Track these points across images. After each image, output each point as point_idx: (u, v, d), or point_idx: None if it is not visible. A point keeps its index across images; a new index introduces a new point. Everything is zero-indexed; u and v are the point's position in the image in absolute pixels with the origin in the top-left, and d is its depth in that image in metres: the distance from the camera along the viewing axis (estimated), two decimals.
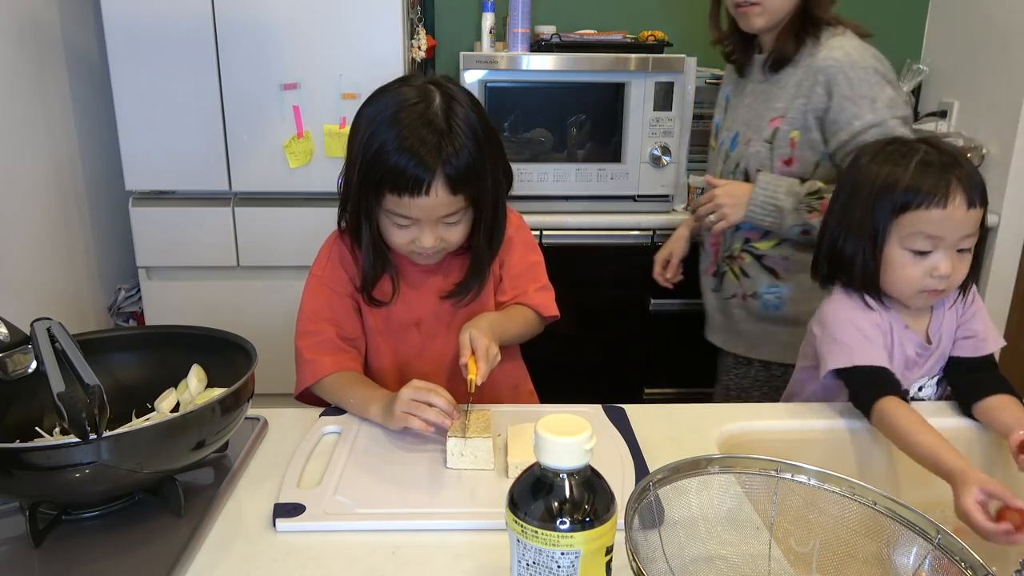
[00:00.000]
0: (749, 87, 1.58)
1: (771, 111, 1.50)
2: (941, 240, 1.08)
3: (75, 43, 2.16)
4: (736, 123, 1.60)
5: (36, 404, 0.93)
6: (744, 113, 1.58)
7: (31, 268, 1.94)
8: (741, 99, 1.60)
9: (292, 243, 2.17)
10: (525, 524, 0.60)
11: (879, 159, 1.13)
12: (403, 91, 1.04)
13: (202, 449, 0.86)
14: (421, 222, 1.05)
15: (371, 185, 1.04)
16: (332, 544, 0.82)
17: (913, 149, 1.12)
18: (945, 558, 0.67)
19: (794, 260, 1.55)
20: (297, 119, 2.10)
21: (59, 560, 0.79)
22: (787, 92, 1.48)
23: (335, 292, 1.17)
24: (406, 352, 1.21)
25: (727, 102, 1.66)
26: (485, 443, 0.95)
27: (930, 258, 1.10)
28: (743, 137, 1.56)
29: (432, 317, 1.19)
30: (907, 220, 1.09)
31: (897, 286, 1.13)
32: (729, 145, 1.60)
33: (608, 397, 1.16)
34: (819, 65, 1.43)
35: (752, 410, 1.16)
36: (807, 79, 1.45)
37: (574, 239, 2.23)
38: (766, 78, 1.53)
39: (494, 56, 2.18)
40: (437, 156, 0.99)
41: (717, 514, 0.80)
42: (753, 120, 1.54)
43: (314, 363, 1.13)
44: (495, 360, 1.05)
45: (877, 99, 1.41)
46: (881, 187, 1.10)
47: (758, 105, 1.54)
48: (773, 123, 1.50)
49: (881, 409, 1.06)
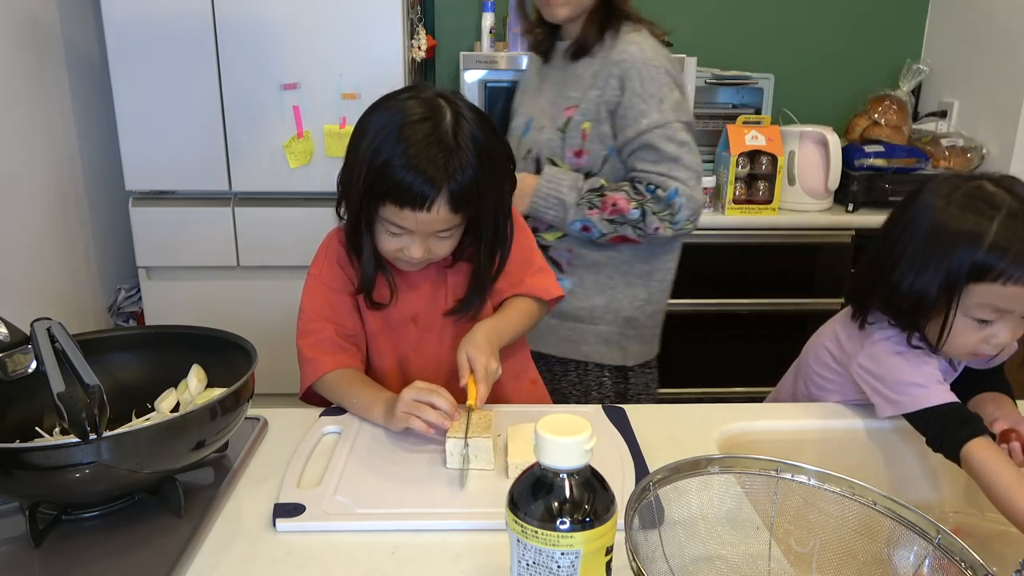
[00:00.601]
0: (551, 75, 1.56)
1: (566, 100, 1.49)
2: (1009, 313, 1.00)
3: (75, 43, 2.16)
4: (532, 109, 1.57)
5: (36, 404, 0.93)
6: (541, 100, 1.56)
7: (31, 268, 1.94)
8: (541, 86, 1.58)
9: (292, 243, 2.17)
10: (525, 524, 0.60)
11: (963, 208, 1.01)
12: (410, 105, 1.03)
13: (202, 449, 0.86)
14: (414, 234, 1.05)
15: (373, 195, 1.04)
16: (332, 544, 0.82)
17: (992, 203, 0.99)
18: (945, 558, 0.67)
19: (577, 255, 1.54)
20: (297, 119, 2.10)
21: (59, 560, 0.79)
22: (583, 82, 1.47)
23: (333, 290, 1.17)
24: (405, 347, 1.21)
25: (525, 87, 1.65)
26: (485, 443, 0.95)
27: (991, 327, 1.01)
28: (537, 124, 1.54)
29: (428, 310, 1.19)
30: (978, 290, 0.99)
31: (947, 345, 1.05)
32: (522, 131, 1.57)
33: None
34: (615, 58, 1.43)
35: (752, 410, 1.16)
36: (603, 71, 1.44)
37: None
38: (565, 67, 1.51)
39: (494, 56, 2.18)
40: (444, 175, 0.99)
41: (717, 514, 0.80)
42: (548, 108, 1.52)
43: (314, 361, 1.13)
44: (495, 375, 1.06)
45: (664, 100, 1.41)
46: (956, 240, 0.99)
47: (554, 93, 1.52)
48: (567, 112, 1.48)
49: (972, 455, 0.97)
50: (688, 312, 2.34)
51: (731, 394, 2.39)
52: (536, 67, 1.62)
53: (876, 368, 1.10)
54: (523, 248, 1.21)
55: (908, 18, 2.74)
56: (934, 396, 1.03)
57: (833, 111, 2.65)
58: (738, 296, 2.34)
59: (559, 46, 1.54)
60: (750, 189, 2.31)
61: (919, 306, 1.04)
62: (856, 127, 2.48)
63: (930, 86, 2.68)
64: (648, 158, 1.43)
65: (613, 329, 1.58)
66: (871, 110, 2.46)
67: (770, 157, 2.28)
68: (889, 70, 2.63)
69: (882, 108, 2.44)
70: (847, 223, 2.31)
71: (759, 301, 2.34)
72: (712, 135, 2.45)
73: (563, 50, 1.52)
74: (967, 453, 0.97)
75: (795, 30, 2.73)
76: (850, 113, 2.56)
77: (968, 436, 0.98)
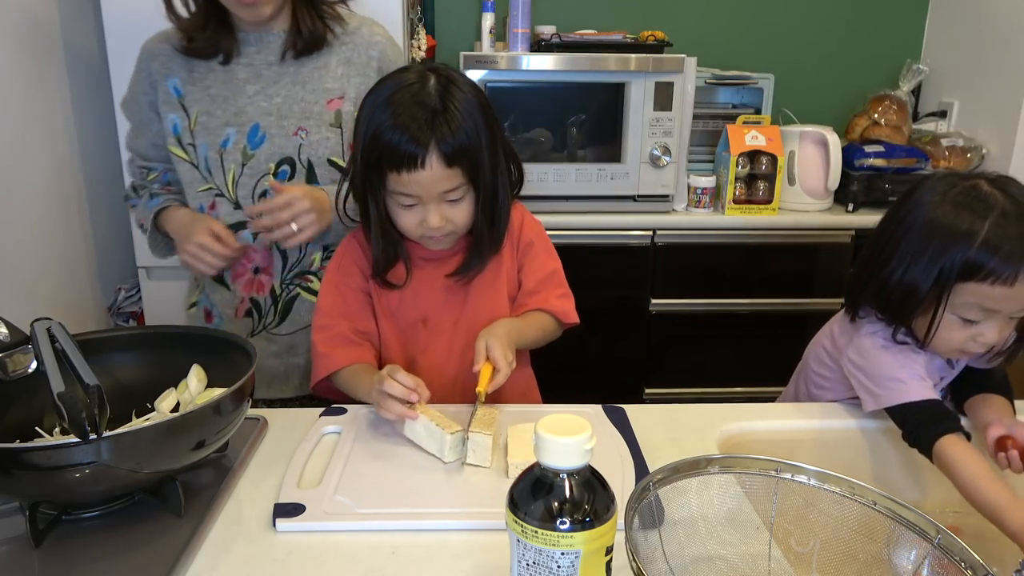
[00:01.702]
0: (264, 73, 1.32)
1: (324, 93, 1.32)
2: (996, 313, 1.02)
3: (75, 43, 2.16)
4: (245, 116, 1.31)
5: (36, 404, 0.93)
6: (258, 103, 1.31)
7: (31, 268, 1.94)
8: (229, 89, 1.31)
9: None
10: (525, 524, 0.60)
11: (956, 206, 1.02)
12: (401, 76, 1.08)
13: (202, 449, 0.86)
14: (424, 200, 1.07)
15: (372, 166, 1.07)
16: (332, 544, 0.82)
17: (986, 202, 1.00)
18: (945, 558, 0.67)
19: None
20: None
21: (59, 560, 0.79)
22: (333, 71, 1.33)
23: (349, 288, 1.20)
24: (413, 349, 1.22)
25: (180, 96, 1.32)
26: (485, 439, 0.95)
27: (978, 327, 1.03)
28: (278, 128, 1.30)
29: (438, 313, 1.20)
30: (968, 289, 1.00)
31: (936, 343, 1.07)
32: (247, 142, 1.31)
33: (608, 397, 1.16)
34: (368, 40, 1.35)
35: (752, 410, 1.16)
36: (357, 56, 1.34)
37: (574, 239, 2.23)
38: (285, 61, 1.32)
39: (494, 56, 2.18)
40: (429, 131, 1.02)
41: (717, 514, 0.80)
42: (289, 107, 1.31)
43: (328, 356, 1.17)
44: (511, 367, 1.07)
45: None
46: (950, 238, 1.00)
47: (292, 91, 1.31)
48: (333, 105, 1.32)
49: (943, 451, 1.00)
50: (688, 312, 2.34)
51: (731, 394, 2.39)
52: (181, 71, 1.32)
53: (862, 361, 1.13)
54: (551, 271, 1.25)
55: (908, 18, 2.74)
56: (913, 392, 1.05)
57: (833, 111, 2.65)
58: (738, 296, 2.33)
59: (249, 40, 1.31)
60: (750, 189, 2.31)
61: (908, 301, 1.05)
62: (856, 127, 2.48)
63: (930, 86, 2.68)
64: None
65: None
66: (871, 110, 2.46)
67: (770, 157, 2.28)
68: (889, 70, 2.63)
69: (882, 108, 2.44)
70: (847, 223, 2.31)
71: (759, 301, 2.34)
72: (712, 135, 2.45)
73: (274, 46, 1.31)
74: (939, 449, 1.00)
75: (795, 30, 2.73)
76: (850, 113, 2.55)
77: (941, 433, 1.01)
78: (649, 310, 2.33)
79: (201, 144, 1.32)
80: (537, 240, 1.25)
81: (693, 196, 2.32)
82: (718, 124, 2.44)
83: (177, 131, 1.33)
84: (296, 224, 1.22)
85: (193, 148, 1.33)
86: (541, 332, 1.21)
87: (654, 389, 2.41)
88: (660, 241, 2.26)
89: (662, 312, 2.33)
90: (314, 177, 1.33)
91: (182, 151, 1.34)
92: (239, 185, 1.32)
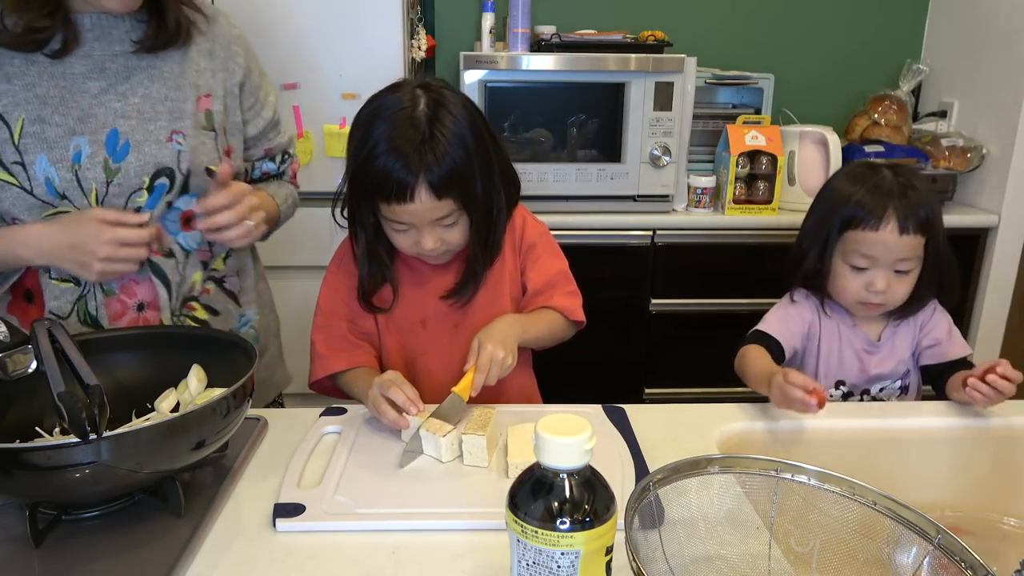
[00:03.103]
0: (111, 69, 1.08)
1: (190, 89, 1.13)
2: (876, 260, 1.22)
3: None
4: (95, 121, 1.06)
5: (36, 404, 0.92)
6: (108, 103, 1.07)
7: None
8: (62, 88, 1.05)
9: (291, 243, 2.16)
10: (525, 524, 0.60)
11: (848, 178, 1.28)
12: (389, 99, 1.06)
13: (202, 449, 0.86)
14: (417, 226, 1.06)
15: (361, 193, 1.07)
16: (332, 544, 0.82)
17: (875, 173, 1.25)
18: (945, 558, 0.67)
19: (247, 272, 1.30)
20: (297, 119, 2.10)
21: (59, 560, 0.79)
22: (196, 65, 1.14)
23: (349, 289, 1.20)
24: (413, 350, 1.22)
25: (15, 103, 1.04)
26: (478, 440, 0.95)
27: (866, 274, 1.23)
28: (144, 134, 1.08)
29: (437, 316, 1.20)
30: (848, 237, 1.23)
31: (839, 294, 1.29)
32: (108, 154, 1.06)
33: (608, 397, 1.16)
34: (228, 34, 1.19)
35: (752, 410, 1.16)
36: (218, 49, 1.17)
37: (574, 239, 2.23)
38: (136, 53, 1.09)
39: (494, 56, 2.17)
40: (418, 162, 1.00)
41: (717, 514, 0.80)
42: (152, 108, 1.10)
43: (326, 358, 1.17)
44: (505, 367, 1.06)
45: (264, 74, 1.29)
46: (836, 202, 1.26)
47: (145, 88, 1.10)
48: (203, 103, 1.14)
49: (743, 350, 1.28)
50: (688, 312, 2.34)
51: (731, 394, 2.38)
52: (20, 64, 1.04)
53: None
54: (558, 271, 1.24)
55: (908, 18, 2.74)
56: (765, 324, 1.33)
57: (833, 111, 2.65)
58: (738, 296, 2.33)
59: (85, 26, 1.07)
60: (750, 189, 2.31)
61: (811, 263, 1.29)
62: (856, 127, 2.48)
63: (930, 86, 2.68)
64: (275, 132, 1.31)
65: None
66: (871, 110, 2.46)
67: (770, 157, 2.28)
68: (889, 70, 2.63)
69: (882, 108, 2.44)
70: None
71: (759, 301, 2.32)
72: (712, 135, 2.45)
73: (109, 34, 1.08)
74: (741, 350, 1.28)
75: (795, 30, 2.73)
76: (850, 113, 2.55)
77: (750, 343, 1.29)
78: (649, 310, 2.33)
79: (38, 160, 1.03)
80: (540, 241, 1.24)
81: (693, 196, 2.32)
82: (718, 124, 2.44)
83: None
84: (251, 220, 1.10)
85: (21, 167, 1.03)
86: (548, 329, 1.20)
87: (654, 389, 2.41)
88: (660, 241, 2.26)
89: (662, 312, 2.33)
90: (186, 189, 1.13)
91: (2, 171, 1.03)
92: (105, 205, 1.08)
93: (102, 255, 1.02)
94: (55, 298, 1.11)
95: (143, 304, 1.14)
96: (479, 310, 1.19)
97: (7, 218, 1.07)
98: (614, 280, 2.31)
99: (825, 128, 2.33)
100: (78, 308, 1.11)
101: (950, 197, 2.40)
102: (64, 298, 1.11)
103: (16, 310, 1.14)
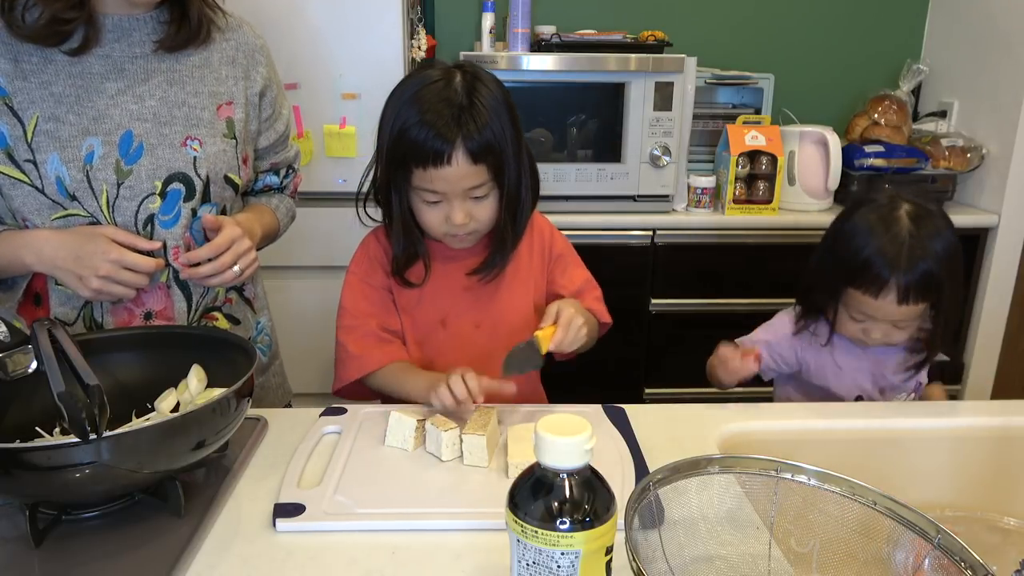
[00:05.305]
0: (128, 68, 1.07)
1: (208, 97, 1.12)
2: (874, 318, 1.21)
3: None
4: (110, 122, 1.05)
5: (36, 404, 0.92)
6: (124, 105, 1.06)
7: None
8: (79, 87, 1.04)
9: (291, 243, 2.15)
10: (525, 524, 0.60)
11: (863, 222, 1.22)
12: (426, 73, 1.08)
13: (202, 449, 0.86)
14: (449, 197, 1.07)
15: (398, 163, 1.07)
16: (332, 544, 0.82)
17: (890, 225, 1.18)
18: (945, 558, 0.67)
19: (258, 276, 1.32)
20: (297, 119, 2.10)
21: (59, 560, 0.79)
22: (216, 72, 1.13)
23: (373, 287, 1.20)
24: (431, 351, 1.22)
25: (4, 96, 1.02)
26: (478, 440, 0.95)
27: (865, 324, 1.23)
28: (159, 137, 1.08)
29: (457, 315, 1.20)
30: (850, 291, 1.22)
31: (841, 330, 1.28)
32: (120, 156, 1.05)
33: (608, 397, 1.16)
34: (252, 43, 1.19)
35: (752, 410, 1.16)
36: (241, 57, 1.16)
37: (574, 239, 2.18)
38: (156, 54, 1.09)
39: (494, 56, 2.17)
40: (456, 128, 1.02)
41: (717, 514, 0.80)
42: (169, 112, 1.09)
43: (361, 358, 1.15)
44: (580, 337, 1.07)
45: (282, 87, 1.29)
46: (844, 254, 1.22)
47: (163, 92, 1.09)
48: (223, 112, 1.14)
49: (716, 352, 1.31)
50: (688, 312, 2.34)
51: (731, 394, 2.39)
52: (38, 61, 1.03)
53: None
54: (586, 279, 1.28)
55: (908, 18, 2.74)
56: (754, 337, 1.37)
57: (833, 111, 2.65)
58: (738, 296, 2.33)
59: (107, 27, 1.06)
60: (750, 189, 2.31)
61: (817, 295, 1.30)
62: (856, 127, 2.48)
63: (930, 86, 2.68)
64: (284, 146, 1.31)
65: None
66: (871, 110, 2.46)
67: (770, 157, 2.28)
68: (889, 70, 2.63)
69: (882, 108, 2.44)
70: None
71: (759, 301, 2.34)
72: (712, 135, 2.45)
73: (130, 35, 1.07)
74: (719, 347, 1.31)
75: (795, 30, 2.73)
76: (850, 113, 2.55)
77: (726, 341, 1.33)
78: (649, 310, 2.33)
79: (50, 159, 1.03)
80: (567, 252, 1.28)
81: (693, 196, 2.32)
82: (718, 124, 2.44)
83: (4, 143, 1.02)
84: (238, 266, 1.09)
85: (33, 165, 1.03)
86: (589, 326, 1.14)
87: (654, 389, 2.41)
88: (660, 241, 2.26)
89: (662, 312, 2.33)
90: (208, 197, 1.13)
91: (14, 169, 1.03)
92: (116, 209, 1.06)
93: (102, 272, 1.01)
94: (61, 304, 1.11)
95: (151, 313, 1.13)
96: (501, 311, 1.20)
97: (18, 219, 1.07)
98: (614, 280, 2.28)
99: (825, 128, 2.33)
100: (84, 315, 1.11)
101: (950, 197, 2.41)
102: (70, 304, 1.11)
103: (24, 312, 1.14)
